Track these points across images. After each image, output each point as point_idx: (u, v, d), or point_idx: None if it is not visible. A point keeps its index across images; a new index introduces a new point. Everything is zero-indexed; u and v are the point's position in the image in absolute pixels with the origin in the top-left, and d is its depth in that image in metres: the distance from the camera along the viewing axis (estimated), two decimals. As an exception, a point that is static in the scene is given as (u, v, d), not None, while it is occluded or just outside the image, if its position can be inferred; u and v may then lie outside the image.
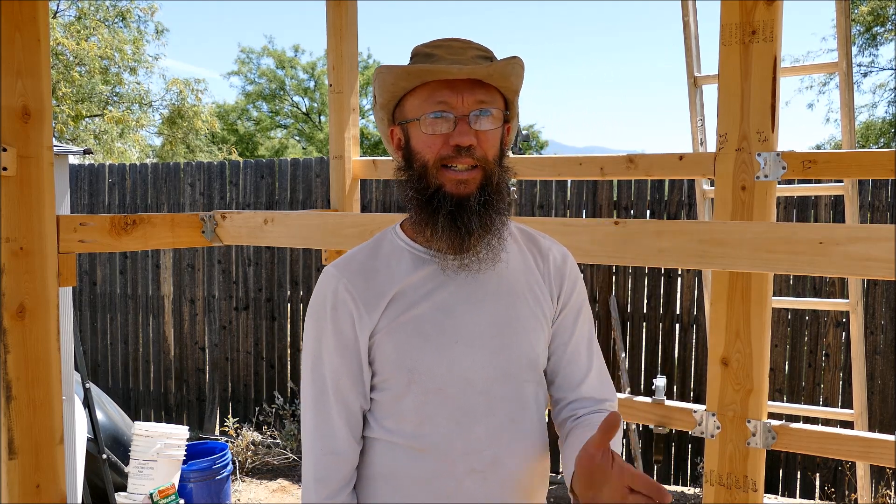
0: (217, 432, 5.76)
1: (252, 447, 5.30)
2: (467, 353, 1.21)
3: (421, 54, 1.22)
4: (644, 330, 4.90)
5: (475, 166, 1.18)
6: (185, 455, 4.26)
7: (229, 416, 5.70)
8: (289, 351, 5.66)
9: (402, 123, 1.24)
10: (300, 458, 5.77)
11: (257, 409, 5.70)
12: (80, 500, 3.48)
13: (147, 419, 5.99)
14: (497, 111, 1.20)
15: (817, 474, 4.62)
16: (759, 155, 1.70)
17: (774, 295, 3.60)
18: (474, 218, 1.17)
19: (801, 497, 4.66)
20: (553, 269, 1.31)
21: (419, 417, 1.21)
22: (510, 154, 3.03)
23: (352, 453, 1.24)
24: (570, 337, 1.32)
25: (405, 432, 1.21)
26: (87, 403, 3.84)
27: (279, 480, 5.05)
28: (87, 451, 3.84)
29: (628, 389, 4.69)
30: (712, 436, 1.79)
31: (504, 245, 1.24)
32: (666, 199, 4.79)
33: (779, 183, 1.84)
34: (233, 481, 4.97)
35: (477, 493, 1.21)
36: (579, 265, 4.98)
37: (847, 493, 4.49)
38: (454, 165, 1.17)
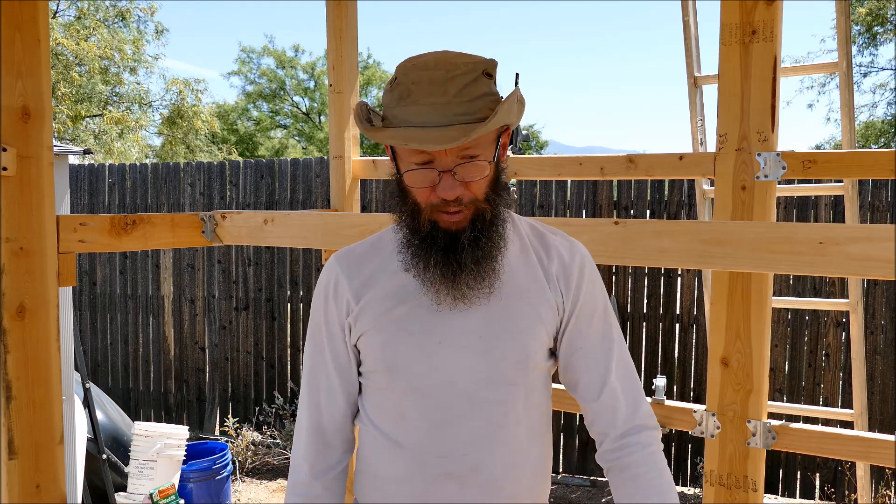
0: (217, 432, 5.76)
1: (252, 447, 5.30)
2: (451, 354, 1.18)
3: (402, 86, 1.13)
4: (644, 330, 4.90)
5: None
6: (185, 455, 4.26)
7: (229, 416, 5.70)
8: (289, 351, 5.66)
9: (393, 152, 1.19)
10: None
11: (257, 409, 5.70)
12: (80, 500, 3.48)
13: (147, 419, 5.99)
14: (484, 158, 1.14)
15: (817, 474, 4.62)
16: (759, 155, 1.70)
17: (774, 295, 3.60)
18: (465, 254, 1.15)
19: (801, 497, 4.66)
20: (557, 267, 1.24)
21: (397, 415, 1.21)
22: (510, 154, 2.99)
23: (337, 438, 1.30)
24: (584, 341, 1.25)
25: (384, 427, 1.23)
26: (87, 403, 3.83)
27: (279, 480, 5.05)
28: (87, 451, 3.84)
29: (628, 389, 4.69)
30: (712, 436, 1.79)
31: (499, 272, 1.20)
32: (666, 199, 4.79)
33: (779, 183, 1.84)
34: (233, 481, 4.97)
35: (453, 497, 1.18)
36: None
37: (847, 493, 4.49)
38: (444, 210, 1.15)
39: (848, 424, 3.35)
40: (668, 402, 2.01)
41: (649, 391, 4.79)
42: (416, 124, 1.10)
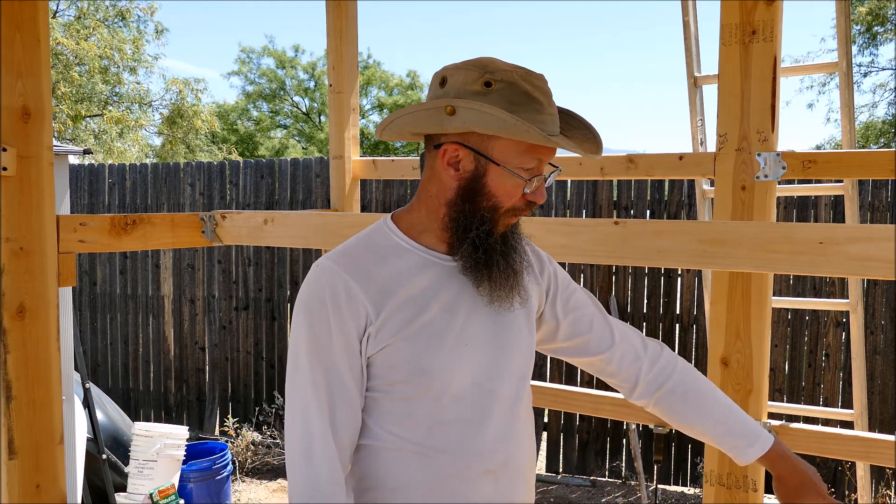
0: (217, 432, 5.76)
1: (252, 447, 5.30)
2: (475, 355, 1.22)
3: (517, 91, 1.15)
4: (644, 330, 4.90)
5: None
6: (185, 455, 4.26)
7: (229, 416, 5.71)
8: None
9: (476, 152, 1.16)
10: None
11: (257, 409, 5.70)
12: (80, 500, 3.48)
13: (147, 419, 5.99)
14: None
15: (817, 474, 4.62)
16: (759, 155, 1.70)
17: (774, 295, 3.60)
18: (516, 256, 1.24)
19: (801, 497, 4.66)
20: (535, 263, 1.36)
21: (431, 421, 1.19)
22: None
23: (350, 453, 1.22)
24: (576, 302, 1.39)
25: (416, 437, 1.19)
26: (87, 403, 3.84)
27: (279, 480, 5.05)
28: (87, 451, 3.84)
29: (628, 389, 4.69)
30: (712, 436, 1.79)
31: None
32: (666, 199, 4.79)
33: (779, 183, 1.84)
34: (233, 481, 4.97)
35: (491, 493, 1.22)
36: (579, 265, 4.98)
37: (847, 493, 4.49)
38: (519, 215, 1.22)
39: (848, 424, 3.35)
40: (668, 402, 2.01)
41: (649, 391, 4.79)
42: (548, 132, 1.16)
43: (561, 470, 5.14)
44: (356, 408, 1.19)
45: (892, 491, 4.41)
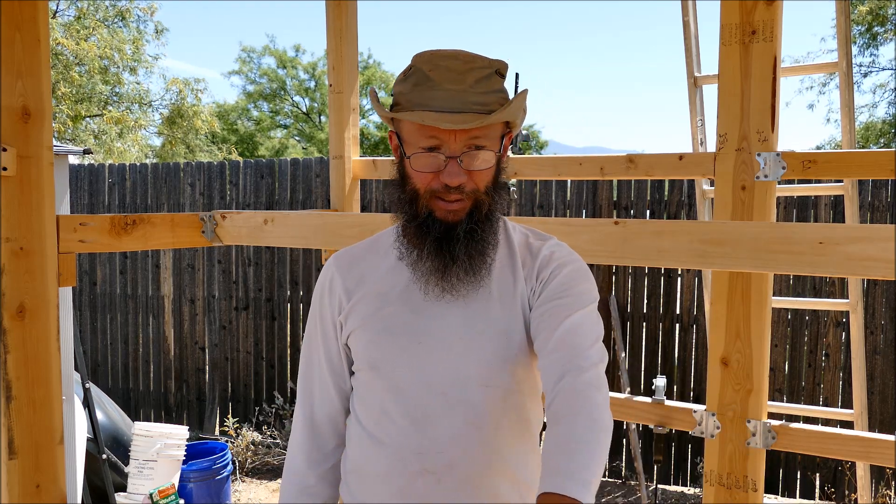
0: (217, 432, 5.76)
1: (252, 447, 5.30)
2: (429, 355, 1.20)
3: (420, 73, 1.16)
4: (644, 330, 4.90)
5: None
6: (185, 455, 4.26)
7: (229, 416, 5.70)
8: (289, 351, 5.66)
9: (398, 136, 1.22)
10: (300, 458, 5.68)
11: (257, 409, 5.70)
12: (80, 500, 3.48)
13: (147, 419, 5.99)
14: (490, 149, 1.16)
15: (817, 474, 4.62)
16: (759, 155, 1.70)
17: (774, 295, 3.60)
18: (459, 246, 1.17)
19: (801, 497, 4.66)
20: (537, 266, 1.23)
21: (379, 413, 1.23)
22: (510, 154, 3.01)
23: (330, 431, 1.33)
24: (546, 308, 1.18)
25: (368, 424, 1.25)
26: (87, 403, 3.83)
27: (279, 480, 5.04)
28: (87, 451, 3.84)
29: (628, 389, 4.69)
30: (712, 436, 1.79)
31: (490, 267, 1.22)
32: (666, 199, 4.79)
33: (779, 183, 1.84)
34: (233, 481, 4.97)
35: (430, 493, 1.20)
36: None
37: (847, 493, 4.49)
38: (444, 198, 1.17)
39: (848, 424, 3.35)
40: (668, 402, 2.01)
41: (649, 391, 4.79)
42: (434, 108, 1.13)
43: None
44: (329, 389, 1.32)
45: (892, 491, 4.41)
